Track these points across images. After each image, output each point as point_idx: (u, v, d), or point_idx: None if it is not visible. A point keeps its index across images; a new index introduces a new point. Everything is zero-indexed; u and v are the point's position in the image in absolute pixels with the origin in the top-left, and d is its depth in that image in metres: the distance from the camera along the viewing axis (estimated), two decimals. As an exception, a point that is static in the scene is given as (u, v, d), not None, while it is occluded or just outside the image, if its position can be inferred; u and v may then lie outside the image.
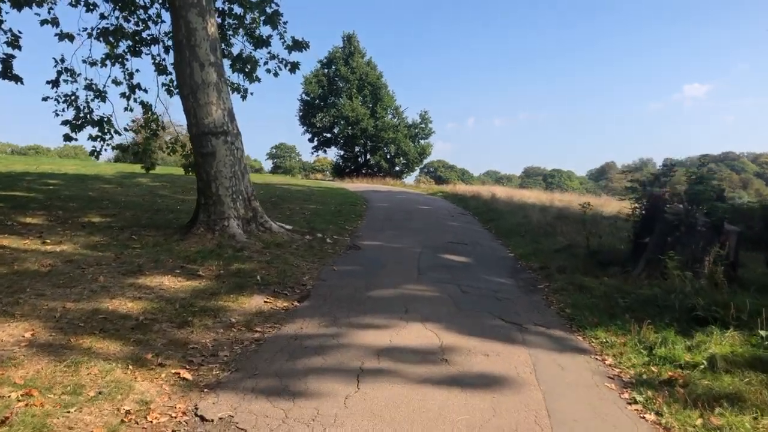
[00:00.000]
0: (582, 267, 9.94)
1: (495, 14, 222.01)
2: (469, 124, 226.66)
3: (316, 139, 51.82)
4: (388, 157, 50.45)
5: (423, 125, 51.59)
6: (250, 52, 14.79)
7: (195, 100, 10.87)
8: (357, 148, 51.96)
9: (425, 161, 59.38)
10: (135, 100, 15.35)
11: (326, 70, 50.54)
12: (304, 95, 50.24)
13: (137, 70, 15.23)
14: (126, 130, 15.40)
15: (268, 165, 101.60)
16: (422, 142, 52.05)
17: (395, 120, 51.03)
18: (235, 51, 15.20)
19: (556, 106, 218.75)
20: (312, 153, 54.02)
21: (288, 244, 11.03)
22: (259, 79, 15.03)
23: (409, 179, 54.90)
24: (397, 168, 51.56)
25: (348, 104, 47.26)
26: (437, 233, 14.41)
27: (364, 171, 50.11)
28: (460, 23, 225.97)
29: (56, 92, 14.71)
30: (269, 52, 14.84)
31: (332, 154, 56.64)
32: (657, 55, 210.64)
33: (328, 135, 51.47)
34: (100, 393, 4.62)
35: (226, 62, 15.30)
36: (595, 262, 10.03)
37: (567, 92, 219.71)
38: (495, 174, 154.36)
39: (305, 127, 50.85)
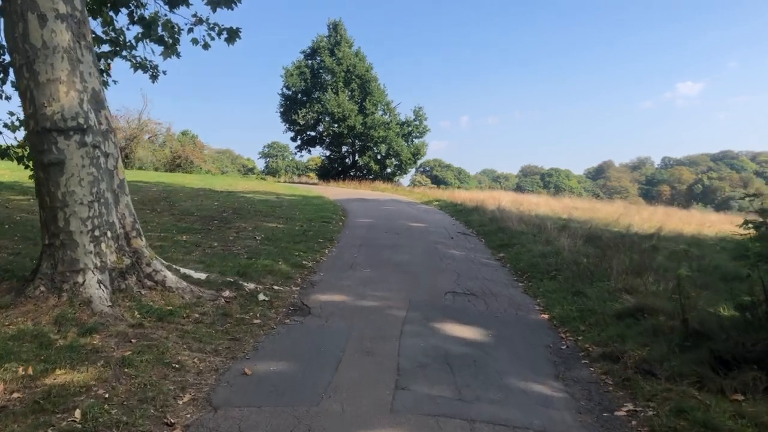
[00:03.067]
0: (683, 363, 5.67)
1: (488, 13, 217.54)
2: (463, 122, 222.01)
3: (299, 137, 47.37)
4: (379, 157, 45.87)
5: (417, 123, 47.05)
6: (165, 15, 10.45)
7: (32, 76, 6.56)
8: (344, 148, 47.52)
9: (419, 162, 54.96)
10: (12, 86, 11.01)
11: (310, 62, 46.07)
12: (284, 89, 45.74)
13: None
14: (5, 126, 11.02)
15: (261, 164, 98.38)
16: (416, 141, 47.48)
17: (386, 117, 46.58)
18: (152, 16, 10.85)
19: (550, 105, 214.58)
20: (295, 153, 49.71)
21: (186, 312, 6.72)
22: (178, 54, 10.69)
23: (405, 180, 50.74)
24: (389, 170, 46.98)
25: (333, 99, 42.75)
26: (433, 273, 10.12)
27: (352, 173, 45.72)
28: (451, 22, 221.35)
29: None
30: (194, 15, 10.50)
31: (318, 154, 52.29)
32: (648, 55, 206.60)
33: (313, 133, 47.03)
34: None
35: (135, 29, 11.04)
36: (705, 354, 5.74)
37: (560, 91, 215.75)
38: (492, 173, 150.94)
39: (287, 125, 46.35)
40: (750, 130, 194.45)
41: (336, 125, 44.01)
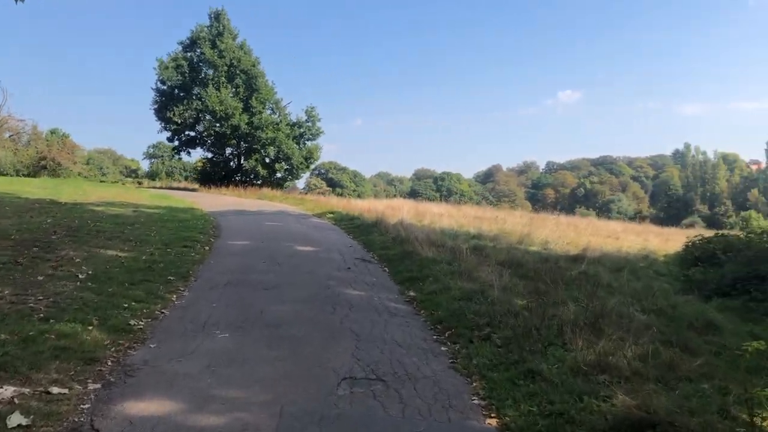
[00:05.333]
0: None
1: (379, 16, 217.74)
2: (356, 124, 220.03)
3: (176, 138, 42.59)
4: (267, 161, 42.06)
5: (309, 124, 43.61)
6: None
7: None
8: (228, 150, 43.32)
9: (313, 166, 51.72)
10: None
11: (188, 54, 41.51)
12: (159, 83, 40.88)
13: None
14: None
15: (147, 165, 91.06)
16: (309, 143, 44.11)
17: (276, 116, 42.88)
18: None
19: (440, 109, 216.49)
20: (173, 155, 44.84)
21: None
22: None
23: (300, 183, 47.34)
24: (279, 175, 43.28)
25: (215, 95, 38.50)
26: (322, 337, 7.07)
27: (237, 177, 41.63)
28: (343, 25, 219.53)
29: None
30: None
31: (199, 156, 47.54)
32: (531, 63, 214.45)
33: (192, 133, 42.42)
34: None
35: None
36: None
37: (449, 96, 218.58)
38: (386, 176, 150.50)
39: (162, 123, 41.47)
40: (626, 137, 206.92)
41: (218, 124, 39.81)
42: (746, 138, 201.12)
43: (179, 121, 40.00)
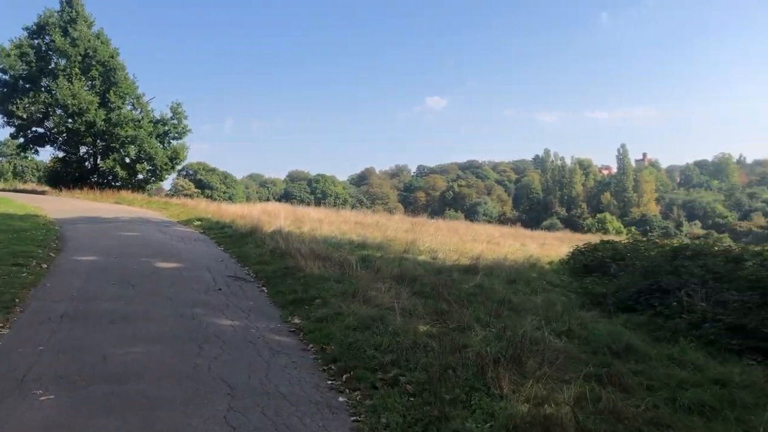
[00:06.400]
0: None
1: (246, 14, 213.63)
2: (227, 125, 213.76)
3: (21, 134, 37.79)
4: (127, 161, 38.33)
5: (175, 121, 40.28)
6: None
7: None
8: (83, 149, 39.03)
9: (179, 166, 48.19)
10: None
11: (35, 41, 36.93)
12: (0, 73, 36.06)
13: None
14: None
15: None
16: (174, 143, 40.78)
17: (137, 113, 39.27)
18: None
19: (313, 111, 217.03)
20: (17, 154, 39.83)
21: None
22: None
23: (166, 184, 43.82)
24: (140, 176, 39.59)
25: (67, 88, 34.41)
26: (185, 397, 5.36)
27: (93, 179, 37.64)
28: (211, 21, 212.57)
29: None
30: None
31: (50, 156, 42.66)
32: (401, 69, 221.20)
33: (40, 130, 37.83)
34: None
35: None
36: None
37: (322, 98, 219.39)
38: (259, 177, 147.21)
39: (4, 118, 36.58)
40: (491, 142, 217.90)
41: (71, 120, 35.71)
42: (599, 145, 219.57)
43: (25, 116, 35.46)
